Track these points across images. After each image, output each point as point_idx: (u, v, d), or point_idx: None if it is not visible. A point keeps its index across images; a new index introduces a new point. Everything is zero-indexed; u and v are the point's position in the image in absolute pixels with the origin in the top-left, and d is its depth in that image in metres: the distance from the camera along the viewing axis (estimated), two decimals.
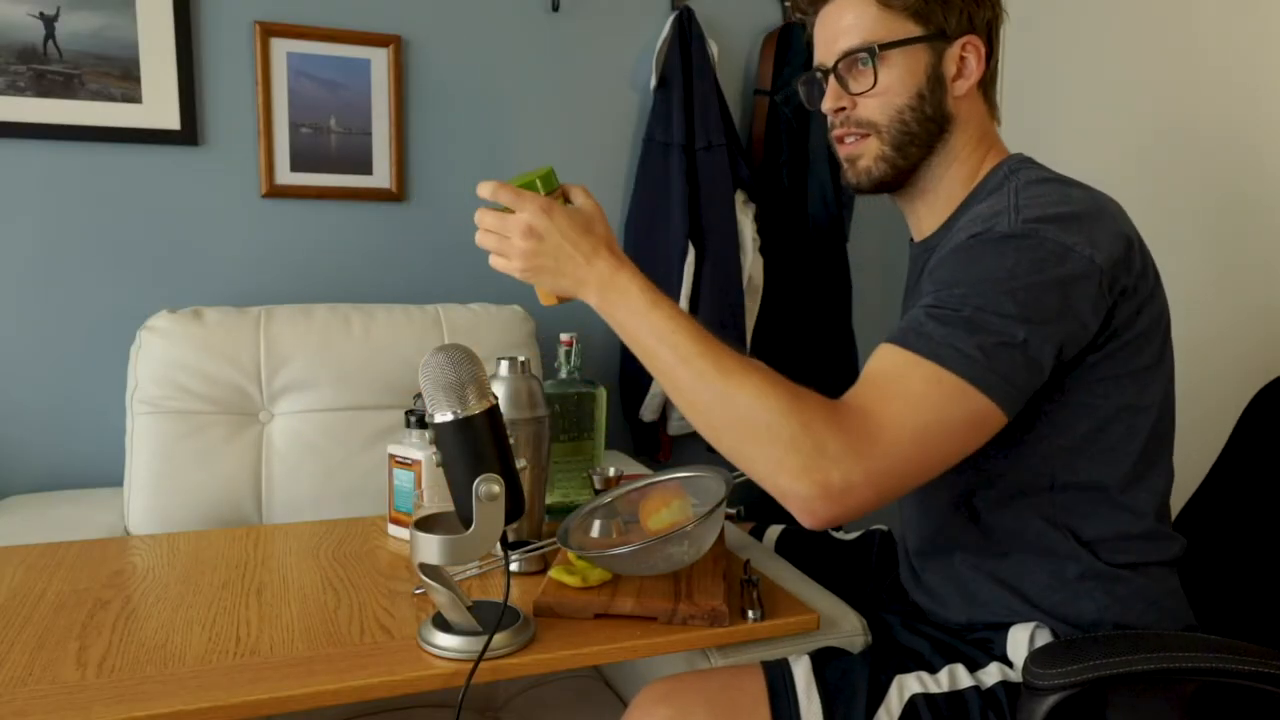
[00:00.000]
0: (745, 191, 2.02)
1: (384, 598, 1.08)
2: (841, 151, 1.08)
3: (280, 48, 1.74)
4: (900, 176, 1.06)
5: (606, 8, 1.97)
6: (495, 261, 0.99)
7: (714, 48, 1.98)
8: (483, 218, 0.98)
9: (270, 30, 1.72)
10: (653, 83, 1.96)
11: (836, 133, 1.07)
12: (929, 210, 1.09)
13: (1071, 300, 0.89)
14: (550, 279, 0.98)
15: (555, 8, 1.92)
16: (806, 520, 0.85)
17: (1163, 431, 1.01)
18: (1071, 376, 0.94)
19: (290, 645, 0.96)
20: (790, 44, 2.05)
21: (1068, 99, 1.95)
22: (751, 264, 2.02)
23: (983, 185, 1.04)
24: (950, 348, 0.86)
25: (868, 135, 1.05)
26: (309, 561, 1.19)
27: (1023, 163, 1.04)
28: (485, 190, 0.97)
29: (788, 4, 2.10)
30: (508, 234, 0.96)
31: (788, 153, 2.06)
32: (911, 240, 1.16)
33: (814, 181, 2.07)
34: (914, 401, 0.85)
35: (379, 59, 1.81)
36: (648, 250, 1.98)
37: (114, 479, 1.66)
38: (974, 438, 0.87)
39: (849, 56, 1.02)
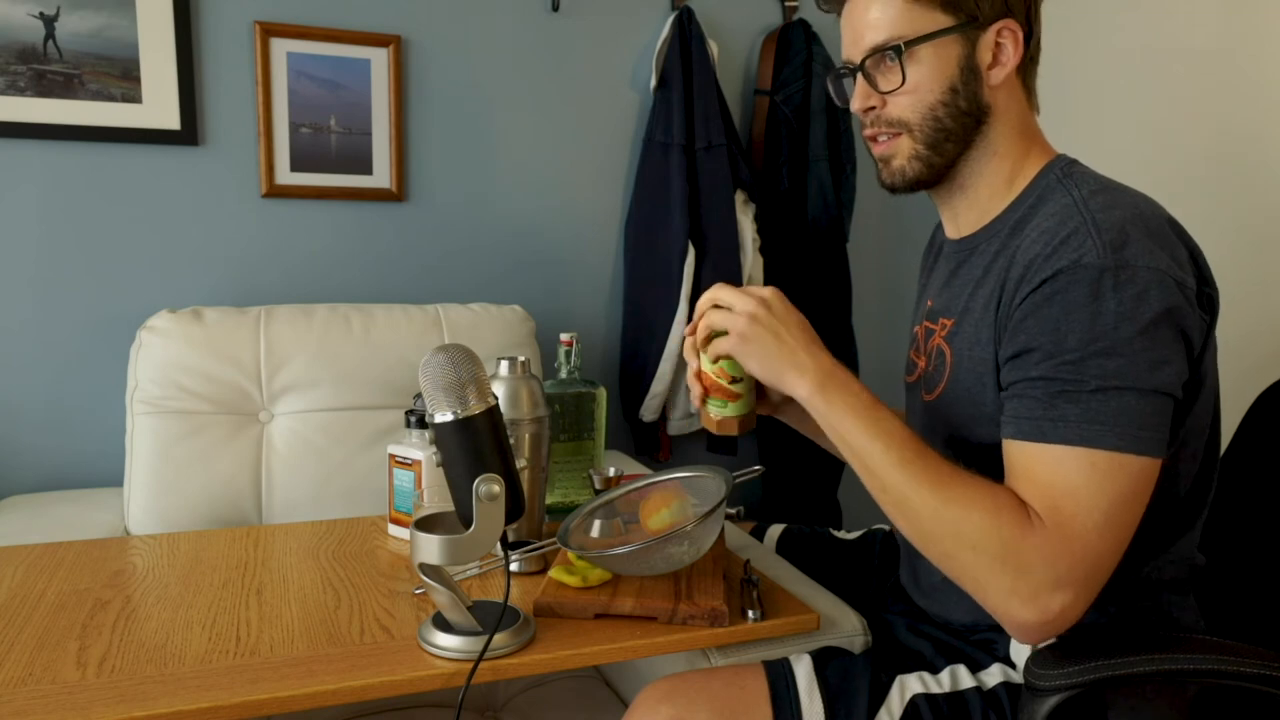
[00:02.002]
0: (745, 191, 2.02)
1: (384, 598, 1.08)
2: (874, 151, 1.04)
3: (280, 48, 1.74)
4: (936, 174, 1.01)
5: (606, 8, 1.97)
6: (717, 343, 1.00)
7: (714, 48, 1.97)
8: (719, 292, 1.01)
9: (270, 30, 1.72)
10: (653, 83, 1.96)
11: (868, 132, 1.03)
12: (969, 206, 1.04)
13: (1182, 327, 0.87)
14: (764, 352, 0.97)
15: (555, 8, 1.92)
16: (1022, 638, 0.87)
17: (1214, 450, 0.99)
18: None
19: (290, 645, 0.96)
20: (790, 44, 2.05)
21: (1078, 98, 1.95)
22: (751, 264, 2.02)
23: (1031, 188, 0.99)
24: (1092, 425, 0.84)
25: (900, 134, 1.00)
26: (309, 561, 1.19)
27: (1072, 165, 0.99)
28: (715, 289, 1.01)
29: (788, 4, 2.10)
30: (734, 306, 0.98)
31: (788, 153, 2.06)
32: (941, 235, 1.13)
33: (814, 181, 2.06)
34: (1084, 497, 0.84)
35: (379, 59, 1.81)
36: (648, 250, 1.98)
37: (114, 479, 1.66)
38: (1146, 496, 0.86)
39: (876, 54, 0.98)
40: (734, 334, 0.98)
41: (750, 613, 1.04)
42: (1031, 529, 0.84)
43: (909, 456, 0.89)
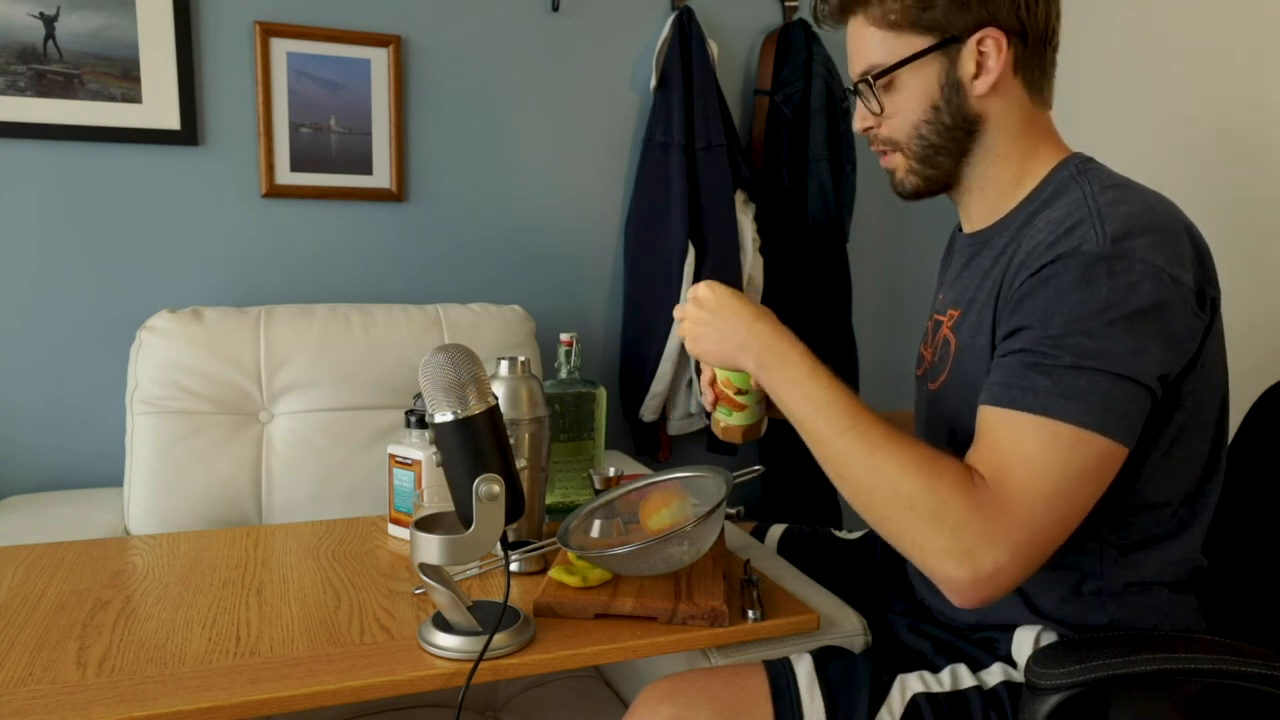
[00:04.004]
0: (745, 191, 2.02)
1: (384, 598, 1.08)
2: (881, 164, 1.08)
3: (280, 48, 1.74)
4: (936, 184, 1.05)
5: (606, 8, 1.97)
6: (687, 343, 1.06)
7: (714, 48, 1.97)
8: (677, 311, 1.07)
9: (270, 30, 1.72)
10: (653, 83, 1.96)
11: (873, 148, 1.08)
12: (979, 205, 1.06)
13: (1170, 324, 0.87)
14: (713, 346, 1.01)
15: (555, 8, 1.92)
16: (957, 601, 0.87)
17: (1219, 450, 0.99)
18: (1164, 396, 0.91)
19: (290, 645, 0.96)
20: (790, 44, 2.05)
21: (1076, 98, 1.95)
22: (751, 264, 2.01)
23: (1044, 185, 1.00)
24: (1059, 398, 0.84)
25: (895, 151, 1.04)
26: (309, 561, 1.19)
27: (1087, 163, 1.00)
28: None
29: (788, 4, 2.10)
30: (684, 316, 1.04)
31: (788, 153, 2.06)
32: (959, 229, 1.14)
33: (814, 181, 2.06)
34: (1037, 464, 0.84)
35: (379, 59, 1.81)
36: (648, 250, 1.98)
37: (114, 479, 1.66)
38: (1104, 480, 0.87)
39: (863, 78, 1.02)
40: (685, 340, 1.04)
41: (750, 613, 1.04)
42: (972, 489, 0.85)
43: (848, 423, 0.91)
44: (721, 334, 1.00)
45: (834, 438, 0.92)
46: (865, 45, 1.01)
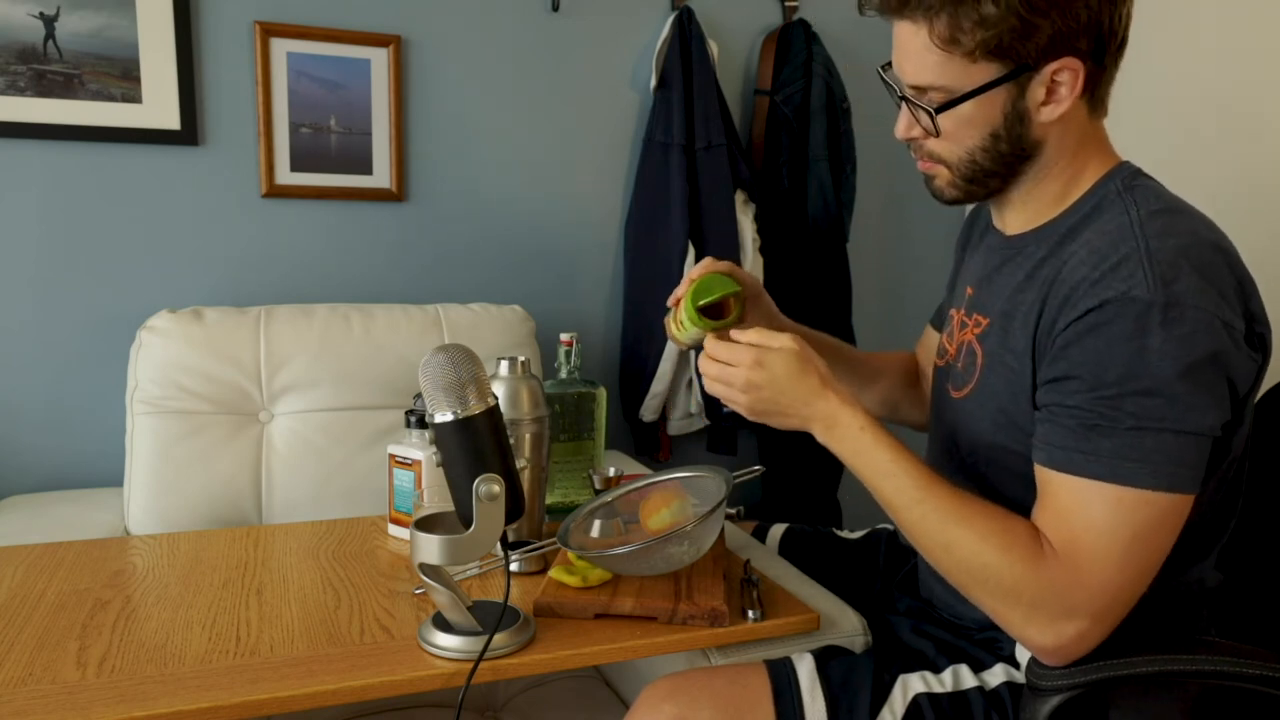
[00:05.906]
0: (745, 191, 2.02)
1: (384, 598, 1.08)
2: (918, 166, 1.02)
3: (280, 48, 1.74)
4: (977, 199, 1.00)
5: (606, 8, 1.97)
6: (728, 403, 1.02)
7: (714, 48, 1.97)
8: (714, 350, 1.01)
9: (270, 30, 1.72)
10: (653, 83, 1.96)
11: (914, 154, 1.01)
12: (1016, 215, 1.02)
13: (1227, 371, 0.85)
14: (778, 421, 1.00)
15: (555, 8, 1.92)
16: (1047, 661, 0.90)
17: (1241, 473, 0.98)
18: None
19: (290, 645, 0.96)
20: (790, 44, 2.05)
21: None
22: (751, 264, 2.01)
23: (1089, 196, 0.95)
24: (1125, 461, 0.83)
25: (940, 164, 0.98)
26: (309, 561, 1.19)
27: (1135, 176, 0.95)
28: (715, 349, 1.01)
29: (788, 4, 2.10)
30: (731, 383, 0.99)
31: (788, 153, 2.06)
32: (987, 215, 1.10)
33: (814, 181, 2.06)
34: (1106, 530, 0.84)
35: (379, 59, 1.81)
36: (648, 250, 1.98)
37: (114, 479, 1.66)
38: (1175, 529, 0.86)
39: (916, 91, 0.94)
40: (743, 411, 1.01)
41: (750, 613, 1.04)
42: (1043, 563, 0.85)
43: (917, 496, 0.92)
44: (784, 411, 0.98)
45: (904, 510, 0.93)
46: (921, 61, 0.91)
